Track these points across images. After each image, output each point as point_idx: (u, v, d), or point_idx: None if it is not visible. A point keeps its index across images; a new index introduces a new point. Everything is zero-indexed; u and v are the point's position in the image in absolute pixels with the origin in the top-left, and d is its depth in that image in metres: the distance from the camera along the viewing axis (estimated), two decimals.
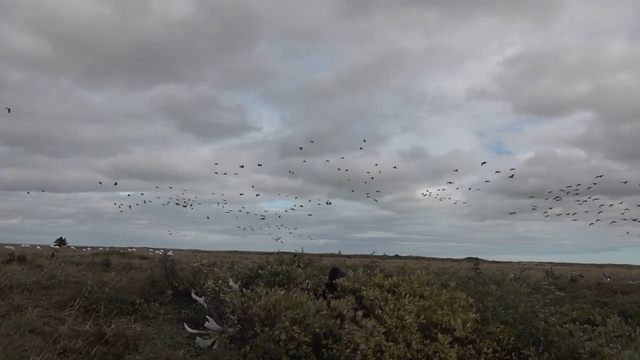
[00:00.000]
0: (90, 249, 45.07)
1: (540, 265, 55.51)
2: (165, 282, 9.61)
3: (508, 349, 6.68)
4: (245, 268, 10.66)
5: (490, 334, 6.79)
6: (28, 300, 8.23)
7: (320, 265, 14.65)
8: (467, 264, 32.80)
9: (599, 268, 50.35)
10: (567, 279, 22.25)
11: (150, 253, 37.89)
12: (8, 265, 13.15)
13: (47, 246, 59.31)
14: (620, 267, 58.32)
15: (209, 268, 10.53)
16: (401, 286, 7.85)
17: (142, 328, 6.86)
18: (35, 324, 6.67)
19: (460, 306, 7.10)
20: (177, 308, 8.65)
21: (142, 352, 5.82)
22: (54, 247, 53.82)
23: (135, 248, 46.49)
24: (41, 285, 9.63)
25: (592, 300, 12.81)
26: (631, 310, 10.69)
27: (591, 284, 18.94)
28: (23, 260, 16.77)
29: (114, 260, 18.97)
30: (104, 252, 30.86)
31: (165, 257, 10.84)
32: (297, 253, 11.40)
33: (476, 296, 7.92)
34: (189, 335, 6.74)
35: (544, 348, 6.64)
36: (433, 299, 7.21)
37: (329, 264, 17.69)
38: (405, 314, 6.60)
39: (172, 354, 5.81)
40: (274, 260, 9.80)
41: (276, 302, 6.36)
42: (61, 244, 72.92)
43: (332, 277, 8.67)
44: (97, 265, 16.86)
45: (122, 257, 26.57)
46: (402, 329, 6.37)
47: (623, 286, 18.11)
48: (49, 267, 13.07)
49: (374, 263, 16.71)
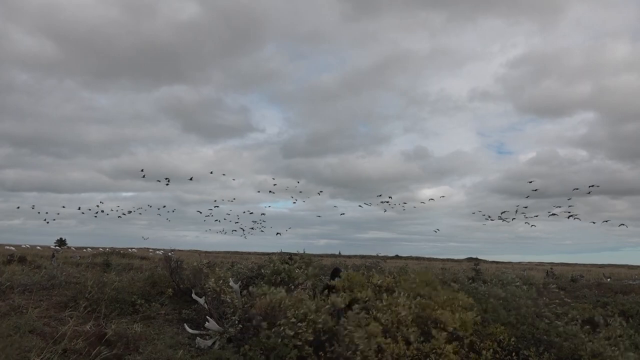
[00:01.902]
0: (90, 250, 45.10)
1: (540, 265, 55.52)
2: (167, 281, 9.62)
3: (508, 349, 6.66)
4: (245, 268, 10.66)
5: (491, 334, 6.78)
6: (28, 301, 8.22)
7: (321, 266, 14.64)
8: (468, 264, 32.81)
9: (599, 268, 50.32)
10: (568, 279, 22.25)
11: (151, 253, 37.92)
12: (8, 266, 13.17)
13: (48, 247, 59.32)
14: (621, 267, 58.32)
15: (209, 268, 10.52)
16: (399, 285, 7.84)
17: (142, 328, 6.85)
18: (36, 324, 6.66)
19: (460, 306, 7.09)
20: (178, 308, 8.64)
21: (142, 352, 5.82)
22: (54, 248, 53.79)
23: (136, 249, 46.49)
24: (41, 285, 9.61)
25: (592, 300, 12.80)
26: (632, 311, 10.69)
27: (591, 284, 18.92)
28: (23, 260, 16.79)
29: (114, 260, 18.99)
30: (104, 252, 30.88)
31: (168, 256, 10.85)
32: (298, 253, 11.38)
33: (476, 297, 7.91)
34: (190, 336, 6.73)
35: (545, 348, 6.63)
36: (432, 298, 7.21)
37: (329, 264, 17.67)
38: (399, 308, 6.61)
39: (172, 355, 5.80)
40: (277, 259, 9.80)
41: (280, 300, 6.39)
42: (61, 244, 72.88)
43: (334, 277, 8.66)
44: (97, 265, 16.87)
45: (123, 257, 26.62)
46: (398, 323, 6.37)
47: (623, 286, 18.09)
48: (49, 268, 13.07)
49: (374, 263, 16.68)
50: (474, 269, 15.23)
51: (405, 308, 6.57)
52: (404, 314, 6.43)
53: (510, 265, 52.80)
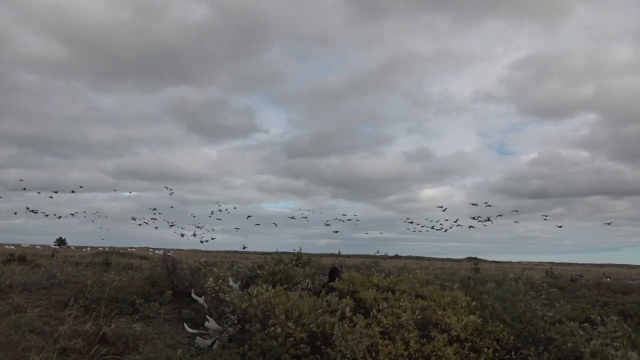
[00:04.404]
0: (90, 249, 45.07)
1: (540, 265, 55.46)
2: (166, 282, 9.60)
3: (508, 348, 6.67)
4: (245, 268, 10.66)
5: (490, 333, 6.78)
6: (28, 300, 8.22)
7: (320, 265, 14.63)
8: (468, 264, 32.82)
9: (599, 268, 50.25)
10: (567, 278, 22.23)
11: (150, 253, 37.88)
12: (8, 265, 13.17)
13: (47, 246, 59.28)
14: (621, 267, 58.24)
15: (208, 267, 10.52)
16: (400, 285, 7.84)
17: (142, 328, 6.86)
18: (35, 323, 6.67)
19: (462, 307, 7.09)
20: (177, 308, 8.64)
21: (142, 352, 5.83)
22: (54, 247, 53.75)
23: (135, 248, 46.43)
24: (41, 285, 9.62)
25: (592, 300, 12.80)
26: (631, 310, 10.69)
27: (591, 284, 18.90)
28: (23, 260, 16.78)
29: (113, 260, 18.95)
30: (103, 252, 30.85)
31: (166, 256, 10.84)
32: (295, 252, 11.38)
33: (475, 295, 7.92)
34: (189, 335, 6.74)
35: (544, 347, 6.63)
36: (434, 299, 7.20)
37: (329, 264, 17.67)
38: (400, 311, 6.60)
39: (172, 354, 5.81)
40: (272, 260, 9.79)
41: (269, 299, 6.40)
42: (61, 243, 72.81)
43: (332, 278, 8.66)
44: (97, 265, 16.85)
45: (122, 257, 26.59)
46: (399, 327, 6.36)
47: (623, 286, 18.07)
48: (49, 267, 13.06)
49: (374, 263, 16.68)
50: (473, 268, 15.25)
51: (407, 312, 6.56)
52: (404, 318, 6.42)
53: (510, 265, 52.68)
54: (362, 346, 5.79)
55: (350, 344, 5.76)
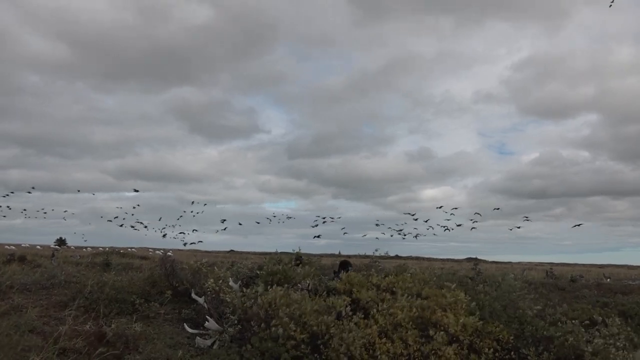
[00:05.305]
0: (90, 249, 45.04)
1: (540, 265, 55.42)
2: (166, 282, 9.59)
3: (507, 348, 6.67)
4: (245, 268, 10.65)
5: (490, 333, 6.78)
6: (28, 300, 8.22)
7: (320, 265, 14.63)
8: (468, 265, 32.78)
9: (599, 268, 50.20)
10: (567, 279, 22.21)
11: (150, 253, 37.86)
12: (8, 265, 13.15)
13: (48, 246, 59.27)
14: (621, 268, 58.20)
15: (208, 268, 10.50)
16: (398, 285, 7.83)
17: (142, 328, 6.85)
18: (35, 323, 6.67)
19: (462, 307, 7.09)
20: (177, 308, 8.63)
21: (142, 352, 5.83)
22: (54, 247, 53.75)
23: (135, 248, 46.41)
24: (41, 285, 9.60)
25: (592, 300, 12.80)
26: (631, 311, 10.69)
27: (591, 284, 18.87)
28: (23, 260, 16.77)
29: (114, 260, 18.94)
30: (104, 252, 30.85)
31: (164, 257, 10.82)
32: (295, 252, 11.38)
33: (474, 295, 7.92)
34: (189, 336, 6.73)
35: (544, 347, 6.63)
36: (433, 299, 7.20)
37: (329, 264, 17.67)
38: (397, 310, 6.60)
39: (172, 354, 5.81)
40: (271, 260, 9.79)
41: (273, 300, 6.38)
42: (61, 244, 72.80)
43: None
44: (97, 265, 16.85)
45: (122, 257, 26.58)
46: (396, 326, 6.36)
47: (623, 286, 18.06)
48: (49, 267, 13.05)
49: (374, 263, 16.68)
50: (473, 268, 15.26)
51: (403, 311, 6.56)
52: (400, 316, 6.42)
53: (510, 265, 52.67)
54: (358, 344, 5.80)
55: (347, 343, 5.76)
